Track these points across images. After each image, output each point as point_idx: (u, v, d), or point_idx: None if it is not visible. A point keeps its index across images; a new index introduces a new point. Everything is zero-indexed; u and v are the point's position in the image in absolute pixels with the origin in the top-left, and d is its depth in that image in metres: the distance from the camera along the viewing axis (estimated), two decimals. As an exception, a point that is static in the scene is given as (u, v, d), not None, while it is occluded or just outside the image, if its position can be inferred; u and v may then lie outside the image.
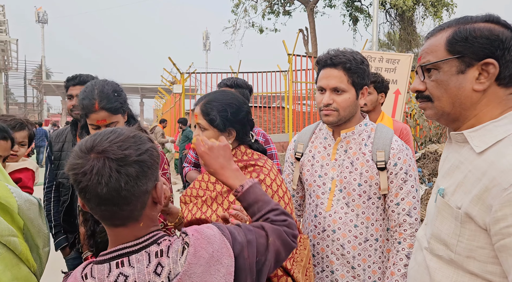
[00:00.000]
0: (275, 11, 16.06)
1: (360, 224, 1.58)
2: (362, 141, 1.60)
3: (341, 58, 1.51)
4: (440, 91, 0.98)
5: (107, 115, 1.68)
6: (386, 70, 5.79)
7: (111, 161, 0.82)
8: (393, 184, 1.56)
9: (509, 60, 0.92)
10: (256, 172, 1.42)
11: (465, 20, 0.97)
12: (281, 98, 11.82)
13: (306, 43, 15.47)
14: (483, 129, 0.94)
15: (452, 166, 1.01)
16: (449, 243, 0.96)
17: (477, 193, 0.88)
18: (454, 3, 13.51)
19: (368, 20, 15.40)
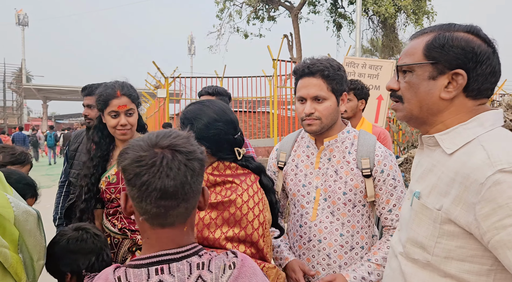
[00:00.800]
0: (260, 16, 16.14)
1: (346, 233, 1.57)
2: (346, 149, 1.59)
3: (319, 66, 1.51)
4: (410, 94, 1.01)
5: (128, 101, 1.88)
6: (369, 76, 5.87)
7: (180, 154, 0.83)
8: (382, 190, 1.55)
9: (480, 74, 0.94)
10: (230, 190, 1.37)
11: (448, 27, 0.99)
12: (266, 103, 11.84)
13: (290, 48, 15.59)
14: (453, 132, 0.97)
15: (425, 169, 1.03)
16: (426, 245, 0.97)
17: (457, 193, 0.90)
18: (435, 11, 13.86)
19: (351, 27, 15.63)
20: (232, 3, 16.05)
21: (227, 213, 1.34)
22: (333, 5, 15.61)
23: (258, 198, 1.39)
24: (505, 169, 0.81)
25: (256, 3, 15.41)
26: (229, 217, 1.34)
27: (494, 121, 0.95)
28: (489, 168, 0.83)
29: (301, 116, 1.57)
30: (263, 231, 1.36)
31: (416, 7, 13.42)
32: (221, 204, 1.36)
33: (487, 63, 0.94)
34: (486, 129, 0.94)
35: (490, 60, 0.95)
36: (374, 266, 1.50)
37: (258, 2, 15.43)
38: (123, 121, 1.89)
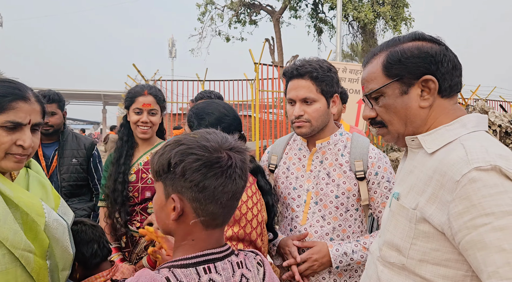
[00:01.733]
0: (242, 20, 16.17)
1: (336, 237, 1.52)
2: (339, 151, 1.56)
3: (307, 68, 1.48)
4: (390, 115, 1.01)
5: (153, 101, 1.97)
6: (349, 81, 5.95)
7: (240, 154, 0.86)
8: (377, 194, 1.52)
9: (444, 72, 0.95)
10: None
11: (394, 42, 1.00)
12: (248, 106, 11.83)
13: (272, 52, 15.66)
14: (436, 133, 0.97)
15: (406, 171, 1.03)
16: (402, 247, 0.95)
17: (433, 191, 0.88)
18: (412, 17, 14.20)
19: (332, 32, 15.83)
20: (213, 7, 16.03)
21: None
22: (314, 10, 15.79)
23: (257, 199, 1.42)
24: (481, 167, 0.80)
25: (237, 7, 15.44)
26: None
27: (477, 123, 0.95)
28: (465, 165, 0.82)
29: (291, 118, 1.54)
30: (261, 230, 1.40)
31: (394, 14, 13.72)
32: None
33: (446, 60, 0.95)
34: (468, 130, 0.94)
35: (447, 56, 0.96)
36: (360, 247, 1.48)
37: (240, 6, 15.47)
38: (145, 119, 1.97)
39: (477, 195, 0.79)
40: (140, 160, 2.03)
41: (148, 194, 1.97)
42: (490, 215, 0.77)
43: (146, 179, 1.99)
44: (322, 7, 15.66)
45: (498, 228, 0.76)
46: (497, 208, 0.76)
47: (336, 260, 1.44)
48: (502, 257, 0.75)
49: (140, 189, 1.98)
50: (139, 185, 1.99)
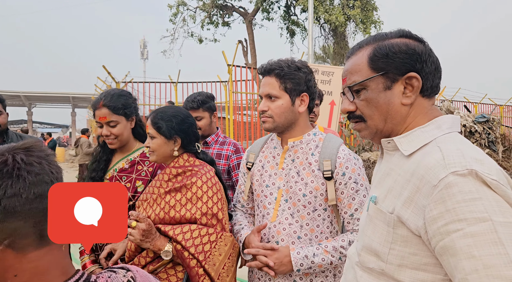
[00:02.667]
0: (214, 21, 16.10)
1: (304, 236, 1.53)
2: (310, 151, 1.58)
3: (273, 66, 1.54)
4: (371, 110, 0.99)
5: (108, 113, 1.88)
6: (322, 82, 6.03)
7: (29, 152, 0.74)
8: (344, 194, 1.52)
9: (428, 72, 0.95)
10: (191, 176, 1.63)
11: (381, 37, 0.99)
12: (222, 108, 11.79)
13: (245, 54, 15.66)
14: (411, 135, 0.96)
15: (383, 174, 1.02)
16: (380, 252, 0.94)
17: (409, 194, 0.87)
18: (381, 20, 14.59)
19: (304, 34, 16.02)
20: (185, 8, 15.87)
21: (190, 193, 1.59)
22: (286, 13, 15.93)
23: (215, 180, 1.66)
24: (457, 172, 0.79)
25: (210, 9, 15.35)
26: (191, 196, 1.59)
27: (451, 125, 0.95)
28: (442, 170, 0.81)
29: (260, 114, 1.60)
30: (221, 205, 1.62)
31: (364, 17, 14.05)
32: (184, 187, 1.61)
33: (430, 60, 0.95)
34: (443, 132, 0.93)
35: (432, 57, 0.96)
36: (321, 250, 1.49)
37: (212, 8, 15.39)
38: (104, 132, 1.93)
39: (452, 200, 0.78)
40: (116, 166, 1.99)
41: None
42: (462, 221, 0.76)
43: None
44: (294, 10, 15.83)
45: (469, 235, 0.75)
46: (470, 214, 0.76)
47: (297, 263, 1.46)
48: (471, 264, 0.75)
49: None
50: None
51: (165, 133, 1.66)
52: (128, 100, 1.96)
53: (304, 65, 1.57)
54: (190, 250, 1.51)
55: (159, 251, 1.54)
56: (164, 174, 1.69)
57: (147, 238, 1.52)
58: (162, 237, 1.56)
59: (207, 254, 1.53)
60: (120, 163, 1.99)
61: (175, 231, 1.54)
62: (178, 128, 1.67)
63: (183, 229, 1.54)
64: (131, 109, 1.95)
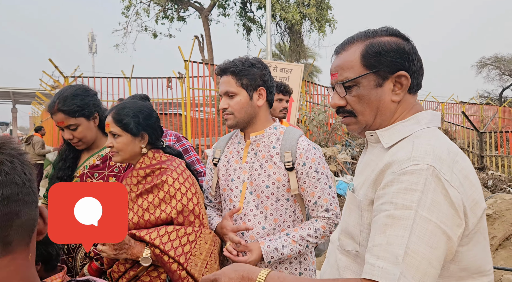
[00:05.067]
0: (169, 16, 15.71)
1: (268, 226, 1.60)
2: (271, 144, 1.65)
3: (228, 65, 1.62)
4: (362, 106, 1.02)
5: (64, 117, 1.77)
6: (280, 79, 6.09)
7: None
8: (306, 184, 1.59)
9: (414, 70, 1.00)
10: (161, 174, 1.56)
11: (372, 34, 1.02)
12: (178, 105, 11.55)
13: (202, 50, 15.46)
14: (393, 128, 1.01)
15: (364, 164, 1.07)
16: (354, 234, 1.00)
17: (374, 177, 0.96)
18: (335, 19, 15.01)
19: (260, 31, 16.09)
20: (138, 1, 15.35)
21: (162, 193, 1.53)
22: (242, 9, 15.91)
23: (187, 175, 1.60)
24: (418, 164, 0.86)
25: (164, 2, 14.95)
26: (164, 195, 1.52)
27: (431, 120, 1.00)
28: (407, 161, 0.88)
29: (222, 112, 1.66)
30: (197, 200, 1.57)
31: (319, 15, 14.38)
32: (155, 187, 1.54)
33: (416, 59, 1.00)
34: (421, 127, 0.98)
35: (417, 55, 1.01)
36: (289, 241, 1.54)
37: (167, 1, 15.00)
38: (66, 136, 1.83)
39: (396, 186, 0.87)
40: (86, 163, 1.89)
41: None
42: (392, 204, 0.86)
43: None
44: (251, 7, 15.84)
45: (391, 216, 0.86)
46: (401, 200, 0.85)
47: (267, 256, 1.52)
48: (379, 238, 0.86)
49: None
50: None
51: (132, 130, 1.57)
52: (85, 99, 1.83)
53: (258, 61, 1.66)
54: (170, 253, 1.46)
55: (137, 259, 1.49)
56: (132, 177, 1.62)
57: (121, 250, 1.47)
58: (138, 244, 1.50)
59: (187, 255, 1.49)
60: (90, 159, 1.90)
61: (151, 235, 1.48)
62: (145, 124, 1.60)
63: (159, 232, 1.49)
64: (89, 108, 1.83)
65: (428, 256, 0.82)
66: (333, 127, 9.42)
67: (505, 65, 26.54)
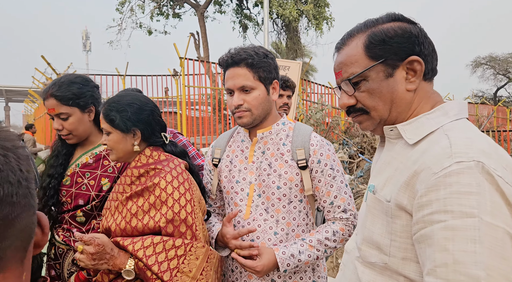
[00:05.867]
0: (164, 12, 15.54)
1: (280, 231, 1.45)
2: (280, 141, 1.50)
3: (242, 55, 1.42)
4: (374, 101, 0.93)
5: (56, 104, 1.62)
6: (278, 77, 5.97)
7: None
8: (321, 182, 1.46)
9: (427, 54, 0.90)
10: (154, 176, 1.41)
11: (372, 23, 0.94)
12: (173, 103, 11.41)
13: (197, 47, 15.32)
14: (416, 122, 0.90)
15: (383, 163, 0.96)
16: (382, 244, 0.88)
17: (406, 179, 0.83)
18: (333, 17, 14.92)
19: (256, 28, 15.98)
20: (133, -3, 15.16)
21: (153, 197, 1.36)
22: (238, 6, 15.78)
23: (183, 178, 1.41)
24: (463, 162, 0.74)
25: (160, -1, 14.79)
26: (155, 200, 1.36)
27: (459, 111, 0.89)
28: (447, 159, 0.76)
29: (232, 109, 1.47)
30: (191, 208, 1.38)
31: (317, 13, 14.29)
32: (146, 190, 1.38)
33: (427, 41, 0.91)
34: (450, 118, 0.88)
35: (427, 38, 0.92)
36: (306, 246, 1.41)
37: (162, -2, 14.83)
38: (55, 125, 1.67)
39: (446, 190, 0.73)
40: (78, 161, 1.74)
41: (81, 202, 1.70)
42: (448, 213, 0.73)
43: (81, 184, 1.70)
44: (247, 4, 15.72)
45: (450, 227, 0.72)
46: (458, 207, 0.72)
47: (283, 264, 1.38)
48: (442, 256, 0.73)
49: (74, 194, 1.70)
50: (73, 190, 1.70)
51: (120, 127, 1.42)
52: (83, 89, 1.68)
53: (268, 51, 1.50)
54: (153, 268, 1.28)
55: (120, 271, 1.32)
56: (126, 176, 1.47)
57: (101, 260, 1.31)
58: (122, 254, 1.33)
59: (173, 272, 1.30)
60: (83, 157, 1.75)
61: (135, 245, 1.31)
62: (135, 119, 1.44)
63: (144, 242, 1.31)
64: (86, 98, 1.68)
65: (505, 270, 0.69)
66: (330, 126, 9.35)
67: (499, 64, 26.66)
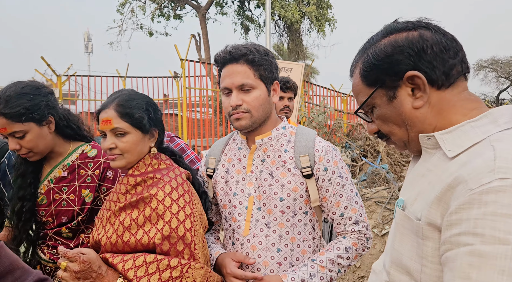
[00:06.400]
0: (165, 14, 15.48)
1: (284, 247, 1.33)
2: (281, 147, 1.37)
3: (242, 51, 1.30)
4: (388, 126, 0.89)
5: (6, 122, 1.42)
6: (281, 79, 5.87)
7: None
8: (329, 192, 1.33)
9: (430, 59, 0.80)
10: (152, 186, 1.28)
11: (368, 45, 0.90)
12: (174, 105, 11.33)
13: (198, 49, 15.25)
14: (458, 130, 0.79)
15: (416, 175, 0.86)
16: (412, 269, 0.78)
17: (438, 194, 0.73)
18: (335, 19, 14.84)
19: (258, 30, 15.91)
20: (134, -2, 15.10)
21: (149, 209, 1.23)
22: (240, 8, 15.71)
23: (184, 190, 1.27)
24: (507, 179, 0.64)
25: (161, 0, 14.72)
26: (151, 213, 1.23)
27: (511, 118, 0.77)
28: (488, 174, 0.66)
29: (228, 110, 1.33)
30: (191, 224, 1.24)
31: (319, 14, 14.20)
32: (142, 201, 1.25)
33: (427, 45, 0.80)
34: (500, 127, 0.75)
35: (429, 40, 0.81)
36: (317, 268, 1.28)
37: (163, -1, 14.77)
38: (11, 146, 1.47)
39: (480, 209, 0.64)
40: (50, 176, 1.58)
41: (65, 219, 1.56)
42: (477, 236, 0.64)
43: (60, 201, 1.56)
44: (249, 5, 15.64)
45: (477, 253, 0.63)
46: (490, 231, 0.62)
47: None
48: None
49: (54, 213, 1.56)
50: (52, 209, 1.56)
51: (145, 126, 1.30)
52: (35, 99, 1.46)
53: (268, 50, 1.38)
54: None
55: None
56: (121, 184, 1.35)
57: (87, 279, 1.19)
58: (111, 272, 1.21)
59: None
60: (55, 171, 1.59)
61: (125, 264, 1.19)
62: (154, 118, 1.34)
63: (136, 261, 1.19)
64: (41, 110, 1.47)
65: None
66: (333, 129, 9.24)
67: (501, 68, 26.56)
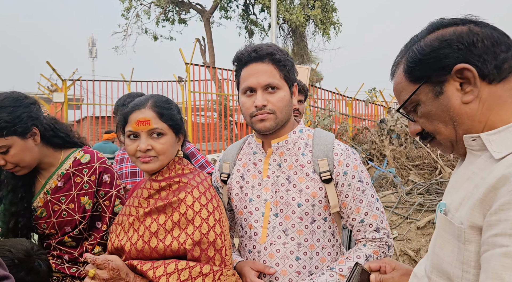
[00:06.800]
0: (170, 18, 15.51)
1: (303, 255, 1.29)
2: (299, 151, 1.33)
3: (268, 49, 1.27)
4: (433, 124, 0.86)
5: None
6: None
7: None
8: (349, 197, 1.29)
9: (481, 53, 0.78)
10: (178, 190, 1.26)
11: (412, 42, 0.88)
12: (179, 109, 11.34)
13: (203, 53, 15.25)
14: (507, 131, 0.75)
15: (461, 177, 0.83)
16: (453, 275, 0.76)
17: (481, 195, 0.71)
18: (340, 22, 14.78)
19: (263, 34, 15.89)
20: (139, 3, 15.17)
21: (177, 214, 1.21)
22: (244, 12, 15.70)
23: (211, 194, 1.27)
24: None
25: (165, 4, 14.76)
26: (179, 218, 1.20)
27: None
28: None
29: (251, 111, 1.29)
30: (221, 229, 1.22)
31: (324, 18, 14.15)
32: (169, 206, 1.23)
33: (478, 39, 0.79)
34: None
35: (479, 34, 0.79)
36: (337, 276, 1.25)
37: (168, 3, 14.80)
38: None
39: None
40: (46, 188, 1.55)
41: (68, 229, 1.53)
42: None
43: (60, 212, 1.53)
44: (253, 9, 15.64)
45: (510, 254, 0.62)
46: None
47: None
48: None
49: (56, 224, 1.53)
50: (53, 220, 1.53)
51: (179, 128, 1.33)
52: (16, 112, 1.40)
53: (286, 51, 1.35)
54: None
55: None
56: (143, 188, 1.31)
57: None
58: (139, 279, 1.18)
59: None
60: (50, 182, 1.55)
61: (156, 271, 1.15)
62: (181, 121, 1.36)
63: (167, 268, 1.15)
64: (23, 123, 1.41)
65: None
66: (338, 133, 9.17)
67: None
